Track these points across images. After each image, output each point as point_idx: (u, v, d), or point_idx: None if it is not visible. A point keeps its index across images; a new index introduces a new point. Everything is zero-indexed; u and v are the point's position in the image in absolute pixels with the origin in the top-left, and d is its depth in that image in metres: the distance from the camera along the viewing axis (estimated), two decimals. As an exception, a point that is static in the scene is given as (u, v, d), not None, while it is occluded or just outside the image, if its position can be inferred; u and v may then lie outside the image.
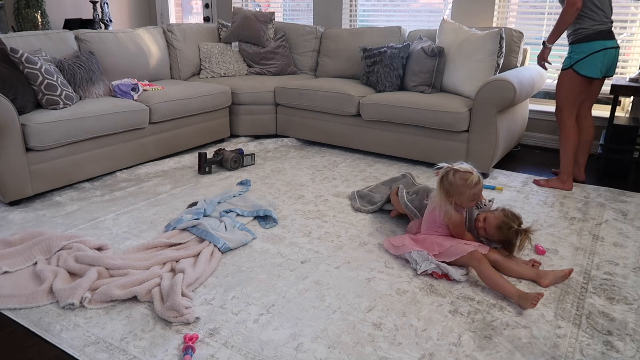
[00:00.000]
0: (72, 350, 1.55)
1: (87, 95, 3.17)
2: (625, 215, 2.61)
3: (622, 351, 1.56)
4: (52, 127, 2.68)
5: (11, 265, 1.99)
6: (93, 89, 3.21)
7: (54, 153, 2.76)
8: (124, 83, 3.37)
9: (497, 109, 2.99)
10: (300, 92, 3.78)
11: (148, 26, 4.14)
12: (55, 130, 2.70)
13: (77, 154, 2.89)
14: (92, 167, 2.99)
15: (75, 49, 3.41)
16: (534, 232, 2.03)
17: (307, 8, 4.84)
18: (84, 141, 2.91)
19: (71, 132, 2.79)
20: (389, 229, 2.41)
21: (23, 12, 4.53)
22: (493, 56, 3.24)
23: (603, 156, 3.18)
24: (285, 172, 3.26)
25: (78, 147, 2.89)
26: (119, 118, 3.04)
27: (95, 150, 2.99)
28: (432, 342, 1.59)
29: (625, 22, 3.52)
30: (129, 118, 3.11)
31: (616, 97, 3.10)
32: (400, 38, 3.92)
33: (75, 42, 3.44)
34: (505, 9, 3.92)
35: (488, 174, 3.18)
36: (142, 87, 3.42)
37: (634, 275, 2.01)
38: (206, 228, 2.22)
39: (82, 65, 3.18)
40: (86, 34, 3.50)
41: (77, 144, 2.87)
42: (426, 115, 3.20)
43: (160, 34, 4.09)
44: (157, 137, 3.39)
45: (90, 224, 2.45)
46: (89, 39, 3.49)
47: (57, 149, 2.77)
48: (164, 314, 1.68)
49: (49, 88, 2.81)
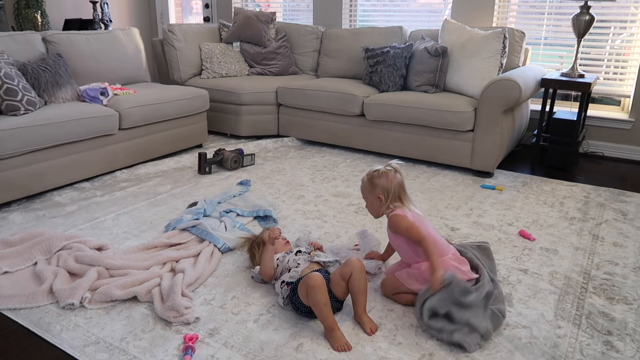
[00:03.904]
0: (72, 351, 1.55)
1: (53, 100, 3.03)
2: (625, 215, 2.61)
3: (622, 351, 1.56)
4: (10, 135, 2.52)
5: (11, 266, 1.99)
6: (59, 94, 3.06)
7: (13, 162, 2.58)
8: (92, 87, 3.21)
9: (503, 108, 3.00)
10: (304, 92, 3.78)
11: (125, 27, 4.01)
12: (13, 137, 2.53)
13: (39, 163, 2.71)
14: (55, 176, 2.80)
15: (43, 51, 3.25)
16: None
17: (307, 8, 4.84)
18: (47, 149, 2.73)
19: (32, 139, 2.61)
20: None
21: (23, 13, 4.53)
22: (497, 56, 3.25)
23: (538, 145, 3.37)
24: (285, 172, 3.26)
25: (40, 156, 2.70)
26: (85, 124, 2.87)
27: (59, 158, 2.81)
28: (432, 342, 1.59)
29: (625, 22, 3.52)
30: (96, 124, 2.94)
31: (555, 91, 3.42)
32: (401, 38, 3.92)
33: (43, 44, 3.29)
34: (505, 9, 3.92)
35: (492, 173, 3.18)
36: (112, 91, 3.26)
37: (634, 275, 2.00)
38: (206, 228, 2.22)
39: (48, 68, 3.03)
40: (54, 36, 3.34)
41: (38, 152, 2.69)
42: (431, 115, 3.20)
43: (137, 35, 3.91)
44: (128, 144, 3.21)
45: (90, 224, 2.45)
46: (57, 40, 3.33)
47: (16, 157, 2.58)
48: (164, 314, 1.69)
49: (8, 93, 2.67)
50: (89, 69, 3.47)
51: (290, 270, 1.77)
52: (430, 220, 2.52)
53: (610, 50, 3.61)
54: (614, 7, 3.50)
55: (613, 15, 3.54)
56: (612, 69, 3.65)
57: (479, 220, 2.52)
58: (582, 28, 3.18)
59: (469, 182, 3.09)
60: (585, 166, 3.46)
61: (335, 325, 1.57)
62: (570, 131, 3.25)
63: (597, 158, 3.66)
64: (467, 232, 2.38)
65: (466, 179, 3.14)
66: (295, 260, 1.80)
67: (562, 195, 2.87)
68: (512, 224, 2.47)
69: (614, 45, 3.61)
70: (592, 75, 3.36)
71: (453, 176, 3.19)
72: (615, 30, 3.58)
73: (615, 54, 3.61)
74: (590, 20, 3.16)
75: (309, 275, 1.60)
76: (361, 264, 1.65)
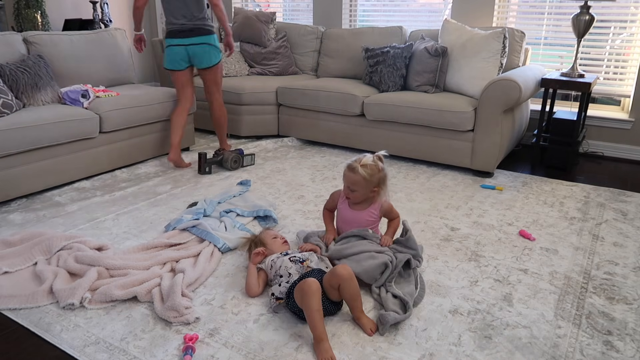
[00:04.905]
0: (72, 351, 1.55)
1: (32, 103, 2.97)
2: (625, 215, 2.61)
3: (622, 351, 1.56)
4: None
5: (11, 266, 1.99)
6: (39, 96, 2.99)
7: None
8: (73, 90, 3.13)
9: (503, 108, 3.00)
10: (304, 92, 3.78)
11: (110, 28, 3.95)
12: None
13: (14, 168, 2.64)
14: (32, 181, 2.74)
15: (24, 52, 3.18)
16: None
17: (307, 8, 4.84)
18: (23, 153, 2.67)
19: (6, 143, 2.55)
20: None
21: (23, 13, 4.53)
22: (497, 55, 3.25)
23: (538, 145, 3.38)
24: (285, 172, 3.26)
25: (15, 160, 2.64)
26: (63, 127, 2.80)
27: (36, 163, 2.74)
28: (432, 342, 1.59)
29: (625, 22, 3.52)
30: (76, 127, 2.87)
31: (554, 91, 3.43)
32: (401, 38, 3.92)
33: (24, 45, 3.21)
34: (505, 9, 3.92)
35: (492, 173, 3.18)
36: (94, 93, 3.19)
37: (634, 275, 2.00)
38: (206, 228, 2.22)
39: (27, 70, 2.96)
40: (36, 36, 3.27)
41: (13, 156, 2.63)
42: (432, 115, 3.20)
43: (123, 36, 3.82)
44: (110, 148, 3.14)
45: (90, 224, 2.45)
46: (38, 41, 3.26)
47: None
48: (164, 314, 1.69)
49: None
50: (72, 71, 3.41)
51: (282, 278, 1.76)
52: (431, 220, 2.52)
53: (610, 50, 3.61)
54: (614, 7, 3.50)
55: (613, 15, 3.54)
56: (612, 69, 3.65)
57: (479, 220, 2.52)
58: (582, 28, 3.19)
59: (469, 182, 3.09)
60: (585, 166, 3.46)
61: (324, 336, 1.54)
62: (570, 131, 3.25)
63: (597, 158, 3.66)
64: (467, 232, 2.38)
65: (466, 179, 3.14)
66: (287, 268, 1.78)
67: (562, 195, 2.87)
68: (512, 224, 2.47)
69: (614, 45, 3.61)
70: (592, 75, 3.36)
71: (453, 176, 3.20)
72: (615, 30, 3.58)
73: (615, 54, 3.61)
74: (590, 20, 3.16)
75: (305, 281, 1.59)
76: (347, 271, 1.63)
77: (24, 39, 3.24)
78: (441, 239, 2.31)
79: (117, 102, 3.16)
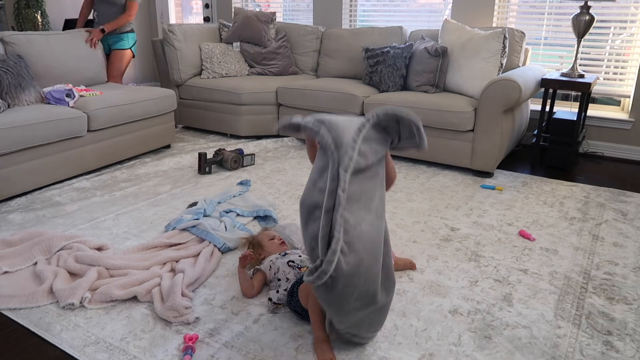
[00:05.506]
0: (72, 351, 1.55)
1: (16, 103, 2.96)
2: (625, 215, 2.61)
3: (622, 351, 1.56)
4: None
5: (11, 266, 1.99)
6: (23, 96, 2.99)
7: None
8: (56, 89, 3.14)
9: (503, 108, 3.00)
10: (303, 93, 3.78)
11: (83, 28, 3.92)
12: None
13: (4, 168, 2.66)
14: (22, 181, 2.75)
15: (1, 52, 3.16)
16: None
17: (307, 8, 4.84)
18: (12, 153, 2.68)
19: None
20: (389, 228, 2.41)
21: (23, 13, 4.53)
22: (497, 56, 3.25)
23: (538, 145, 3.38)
24: (285, 172, 3.26)
25: (5, 161, 2.65)
26: (53, 126, 2.82)
27: (26, 163, 2.75)
28: (432, 342, 1.59)
29: (625, 22, 3.52)
30: (65, 126, 2.89)
31: (554, 91, 3.45)
32: (401, 38, 3.92)
33: (1, 46, 3.20)
34: (505, 9, 3.92)
35: (492, 173, 3.18)
36: (77, 92, 3.19)
37: (633, 275, 2.00)
38: (206, 228, 2.22)
39: (10, 70, 2.95)
40: (12, 37, 3.25)
41: (4, 156, 2.64)
42: (432, 115, 3.20)
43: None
44: (97, 146, 3.17)
45: (90, 224, 2.45)
46: (15, 41, 3.24)
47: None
48: (164, 314, 1.69)
49: None
50: (51, 70, 3.40)
51: (280, 282, 1.76)
52: (431, 220, 2.52)
53: (610, 50, 3.61)
54: (614, 7, 3.50)
55: (613, 15, 3.54)
56: (612, 69, 3.65)
57: (479, 220, 2.52)
58: (582, 28, 3.19)
59: (469, 182, 3.09)
60: (585, 166, 3.47)
61: (326, 336, 1.55)
62: (570, 131, 3.25)
63: (597, 158, 3.66)
64: (467, 232, 2.39)
65: (466, 179, 3.14)
66: (285, 273, 1.78)
67: (562, 195, 2.87)
68: (512, 224, 2.47)
69: (614, 45, 3.61)
70: (592, 76, 3.36)
71: (453, 176, 3.20)
72: (615, 30, 3.58)
73: (615, 54, 3.61)
74: (590, 20, 3.16)
75: None
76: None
77: (1, 39, 3.24)
78: (441, 239, 2.31)
79: (103, 101, 3.18)
